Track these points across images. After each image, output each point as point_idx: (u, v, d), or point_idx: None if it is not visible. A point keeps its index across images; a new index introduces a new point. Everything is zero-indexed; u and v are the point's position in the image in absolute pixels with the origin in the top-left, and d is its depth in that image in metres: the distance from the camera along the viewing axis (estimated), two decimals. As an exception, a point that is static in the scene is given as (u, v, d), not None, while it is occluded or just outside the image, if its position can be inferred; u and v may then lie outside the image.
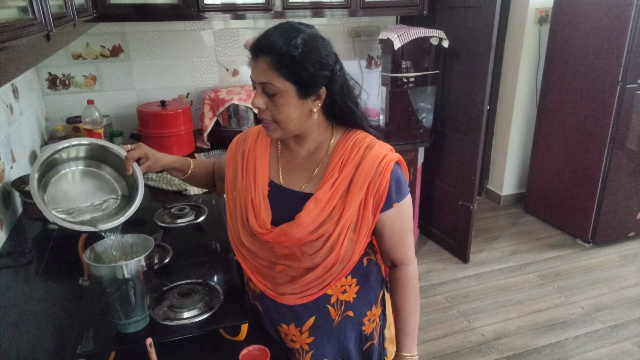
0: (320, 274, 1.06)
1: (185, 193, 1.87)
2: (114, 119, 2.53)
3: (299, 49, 0.94)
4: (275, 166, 1.12)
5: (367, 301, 1.17)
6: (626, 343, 2.36)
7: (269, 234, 1.04)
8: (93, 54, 2.45)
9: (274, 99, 0.97)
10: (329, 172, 1.04)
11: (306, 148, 1.09)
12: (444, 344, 2.36)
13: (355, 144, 1.05)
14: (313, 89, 0.98)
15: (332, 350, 1.17)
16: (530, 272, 2.98)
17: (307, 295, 1.09)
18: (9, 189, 1.63)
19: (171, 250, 1.37)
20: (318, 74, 0.97)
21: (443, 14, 2.81)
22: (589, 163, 3.12)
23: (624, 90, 2.83)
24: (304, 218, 1.01)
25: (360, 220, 1.03)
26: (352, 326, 1.17)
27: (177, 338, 1.03)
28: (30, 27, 0.84)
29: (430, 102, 2.81)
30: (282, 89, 0.96)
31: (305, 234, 1.01)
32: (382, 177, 1.01)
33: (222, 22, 2.62)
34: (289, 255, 1.06)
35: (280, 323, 1.15)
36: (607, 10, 2.83)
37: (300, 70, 0.95)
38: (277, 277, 1.09)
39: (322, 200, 1.01)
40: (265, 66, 0.95)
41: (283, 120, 0.99)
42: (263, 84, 0.96)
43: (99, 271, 0.98)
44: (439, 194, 3.14)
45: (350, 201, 1.01)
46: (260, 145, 1.13)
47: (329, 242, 1.02)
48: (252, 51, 0.97)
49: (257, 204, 1.07)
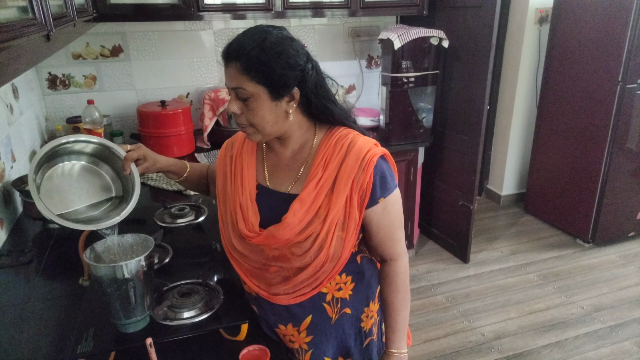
0: (312, 273, 1.06)
1: (185, 193, 1.87)
2: (114, 119, 2.53)
3: (266, 52, 0.94)
4: (262, 169, 1.12)
5: (364, 298, 1.18)
6: (626, 343, 2.37)
7: (257, 236, 1.05)
8: (93, 54, 2.45)
9: (247, 103, 0.98)
10: (313, 172, 1.03)
11: (290, 149, 1.09)
12: (444, 344, 2.36)
13: (338, 141, 1.05)
14: (284, 90, 0.98)
15: (331, 348, 1.17)
16: (530, 272, 2.98)
17: (300, 295, 1.09)
18: (9, 189, 1.64)
19: (171, 250, 1.37)
20: (288, 74, 0.96)
21: (443, 14, 2.81)
22: (589, 163, 3.11)
23: (624, 90, 2.83)
24: (290, 219, 1.01)
25: (347, 217, 1.03)
26: (350, 323, 1.17)
27: (177, 338, 1.03)
28: (30, 27, 0.84)
29: (430, 102, 2.81)
30: (254, 93, 0.97)
31: (293, 235, 1.01)
32: (365, 173, 1.01)
33: (222, 22, 2.62)
34: (279, 257, 1.06)
35: (278, 324, 1.15)
36: (607, 10, 2.83)
37: (269, 73, 0.95)
38: (270, 277, 1.09)
39: (307, 201, 1.01)
40: (235, 71, 0.96)
41: (259, 124, 1.00)
42: (235, 89, 0.98)
43: (99, 271, 0.98)
44: (439, 194, 3.14)
45: (336, 199, 1.01)
46: (246, 149, 1.14)
47: (317, 242, 1.02)
48: (223, 57, 0.99)
49: (245, 207, 1.08)
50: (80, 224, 1.04)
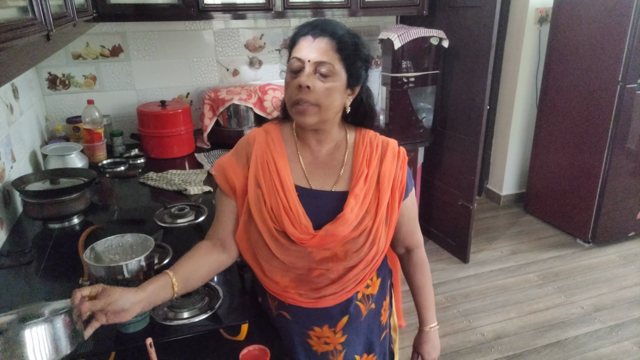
0: (362, 269, 1.07)
1: (185, 193, 1.87)
2: (114, 118, 2.53)
3: (356, 40, 0.99)
4: (298, 169, 1.07)
5: (384, 292, 1.21)
6: (626, 343, 2.36)
7: (312, 238, 1.01)
8: (93, 54, 2.45)
9: (325, 81, 0.97)
10: (358, 169, 1.06)
11: (326, 147, 1.09)
12: (444, 344, 2.36)
13: (372, 140, 1.10)
14: (356, 82, 1.02)
15: (359, 346, 1.18)
16: (530, 272, 2.98)
17: (346, 293, 1.09)
18: (9, 189, 1.63)
19: (171, 250, 1.37)
20: (362, 67, 1.02)
21: (443, 14, 2.81)
22: (589, 163, 3.11)
23: (624, 90, 2.83)
24: (348, 215, 1.01)
25: (390, 212, 1.08)
26: (373, 318, 1.19)
27: (177, 338, 1.03)
28: (30, 27, 0.84)
29: (430, 102, 2.82)
30: (339, 73, 0.98)
31: (349, 231, 1.02)
32: (402, 170, 1.09)
33: (222, 22, 2.62)
34: (329, 258, 1.03)
35: (312, 327, 1.12)
36: (607, 10, 2.83)
37: (355, 61, 0.99)
38: (318, 282, 1.06)
39: (360, 196, 1.04)
40: (327, 47, 0.96)
41: (328, 106, 0.99)
42: (322, 63, 0.96)
43: (99, 271, 0.98)
44: (439, 194, 3.14)
45: (383, 195, 1.05)
46: (276, 151, 1.06)
47: (371, 237, 1.04)
48: (311, 30, 0.98)
49: (293, 211, 1.01)
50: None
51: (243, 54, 2.73)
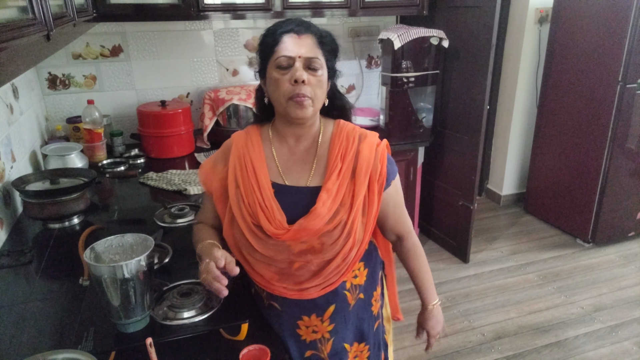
0: (340, 261, 1.09)
1: (185, 193, 1.87)
2: (114, 118, 2.53)
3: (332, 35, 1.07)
4: (273, 166, 1.13)
5: (374, 282, 1.24)
6: (626, 343, 2.36)
7: (286, 232, 1.05)
8: (93, 53, 2.45)
9: (315, 75, 1.03)
10: (332, 164, 1.09)
11: (304, 143, 1.13)
12: (444, 344, 2.36)
13: (348, 135, 1.12)
14: (333, 75, 1.10)
15: (349, 335, 1.21)
16: (530, 272, 2.98)
17: (328, 285, 1.12)
18: (9, 189, 1.63)
19: (171, 250, 1.37)
20: (334, 63, 1.09)
21: (443, 14, 2.81)
22: (589, 163, 3.11)
23: (624, 90, 2.83)
24: (320, 209, 1.04)
25: (368, 203, 1.09)
26: (364, 308, 1.21)
27: (177, 338, 1.03)
28: (30, 27, 0.84)
29: (430, 102, 2.81)
30: (324, 67, 1.04)
31: (322, 225, 1.04)
32: (381, 162, 1.10)
33: (222, 22, 2.62)
34: (307, 250, 1.07)
35: (301, 316, 1.16)
36: (607, 10, 2.83)
37: (333, 55, 1.07)
38: (299, 275, 1.10)
39: (332, 190, 1.06)
40: (312, 43, 1.03)
41: (319, 97, 1.05)
42: (312, 58, 1.02)
43: (99, 271, 0.98)
44: (439, 194, 3.14)
45: (359, 188, 1.07)
46: (253, 150, 1.13)
47: (346, 229, 1.06)
48: (295, 27, 1.03)
49: (268, 207, 1.07)
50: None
51: (242, 54, 2.73)
